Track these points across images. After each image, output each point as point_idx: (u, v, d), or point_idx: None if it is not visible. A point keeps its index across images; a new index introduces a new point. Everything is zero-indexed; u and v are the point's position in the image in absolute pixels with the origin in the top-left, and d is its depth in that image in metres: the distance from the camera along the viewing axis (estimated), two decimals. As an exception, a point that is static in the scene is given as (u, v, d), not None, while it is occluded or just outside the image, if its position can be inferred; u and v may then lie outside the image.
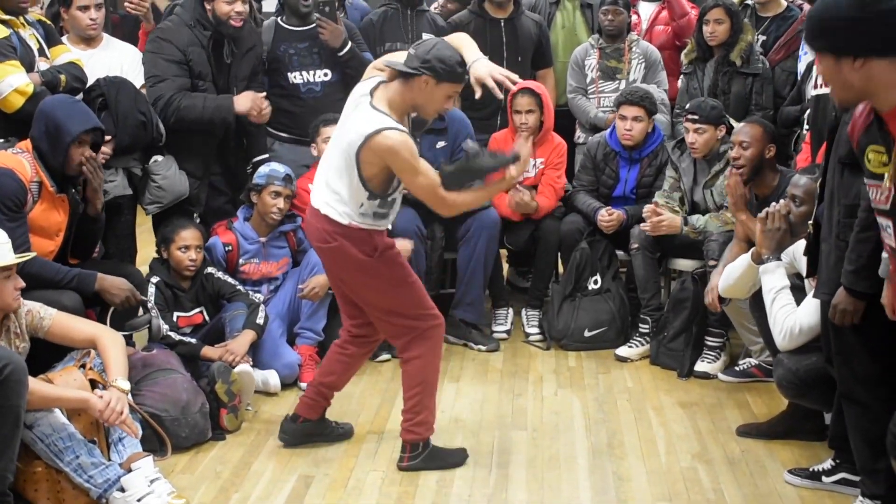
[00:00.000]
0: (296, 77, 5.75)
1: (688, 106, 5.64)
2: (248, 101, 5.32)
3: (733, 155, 5.00)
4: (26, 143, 4.43)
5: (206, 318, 5.14)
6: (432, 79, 3.91)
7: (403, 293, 4.16)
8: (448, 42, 4.05)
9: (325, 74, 5.76)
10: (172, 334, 4.84)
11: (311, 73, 5.74)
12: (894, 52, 2.94)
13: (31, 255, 4.03)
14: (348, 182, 3.98)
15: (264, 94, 5.46)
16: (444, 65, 3.92)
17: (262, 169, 5.38)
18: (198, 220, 5.46)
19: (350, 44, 5.67)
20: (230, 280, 5.20)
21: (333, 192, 4.04)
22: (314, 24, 5.68)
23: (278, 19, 5.82)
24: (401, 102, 3.97)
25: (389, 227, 4.20)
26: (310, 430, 4.51)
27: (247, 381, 4.77)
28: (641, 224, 5.61)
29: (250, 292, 5.20)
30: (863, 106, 3.21)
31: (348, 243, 4.03)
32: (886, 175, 3.07)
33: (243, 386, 4.73)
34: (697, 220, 5.49)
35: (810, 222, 3.87)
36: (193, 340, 4.91)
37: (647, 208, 5.58)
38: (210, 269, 5.15)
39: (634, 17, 6.72)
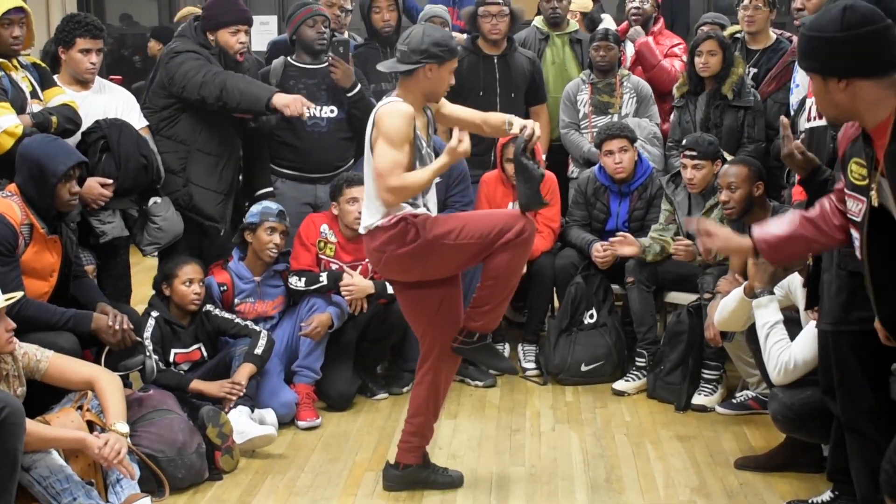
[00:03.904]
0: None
1: (685, 142, 5.66)
2: (288, 99, 5.30)
3: (722, 198, 5.03)
4: (14, 186, 4.44)
5: (205, 355, 5.14)
6: (435, 65, 4.04)
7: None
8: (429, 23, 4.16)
9: (332, 111, 5.82)
10: (159, 364, 4.88)
11: (318, 108, 5.79)
12: (877, 72, 3.05)
13: (19, 294, 4.03)
14: None
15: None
16: (440, 47, 4.05)
17: (255, 208, 5.43)
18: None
19: (360, 86, 5.75)
20: (228, 316, 5.21)
21: (371, 203, 4.10)
22: (325, 63, 5.76)
23: (288, 58, 5.89)
24: (412, 97, 4.07)
25: (430, 208, 4.20)
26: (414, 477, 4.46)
27: (259, 443, 4.79)
28: (594, 253, 5.74)
29: (250, 324, 5.21)
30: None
31: (393, 246, 4.05)
32: (872, 191, 3.13)
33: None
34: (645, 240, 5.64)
35: (810, 254, 3.87)
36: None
37: (677, 247, 5.60)
38: (208, 307, 5.16)
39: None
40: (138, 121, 5.35)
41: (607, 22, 7.34)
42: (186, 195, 5.42)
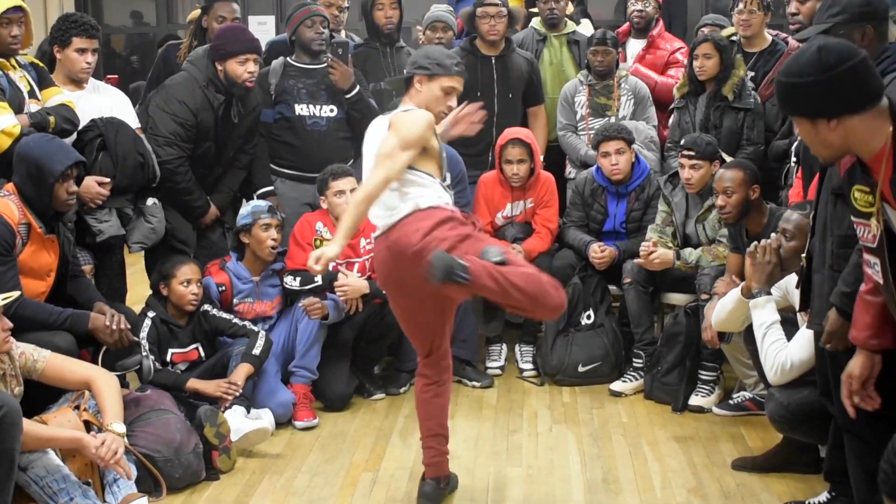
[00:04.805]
0: (302, 109, 5.83)
1: (683, 142, 5.66)
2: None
3: (719, 203, 5.03)
4: (12, 186, 4.44)
5: (202, 355, 5.14)
6: (424, 77, 4.03)
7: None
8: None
9: (332, 110, 5.84)
10: (156, 364, 4.87)
11: (318, 107, 5.81)
12: (864, 106, 3.00)
13: (16, 293, 4.02)
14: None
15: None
16: (430, 59, 4.05)
17: (243, 210, 5.46)
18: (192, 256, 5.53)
19: (358, 87, 5.77)
20: (226, 316, 5.21)
21: (389, 200, 3.96)
22: (324, 64, 5.79)
23: (288, 58, 5.91)
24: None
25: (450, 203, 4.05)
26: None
27: (255, 439, 4.79)
28: (634, 258, 5.64)
29: (248, 324, 5.21)
30: None
31: (402, 241, 3.86)
32: (873, 217, 3.11)
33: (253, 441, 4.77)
34: (690, 254, 5.52)
35: (803, 255, 3.88)
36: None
37: (644, 245, 5.58)
38: (206, 307, 5.16)
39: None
40: (133, 122, 5.35)
41: (585, 27, 7.33)
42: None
